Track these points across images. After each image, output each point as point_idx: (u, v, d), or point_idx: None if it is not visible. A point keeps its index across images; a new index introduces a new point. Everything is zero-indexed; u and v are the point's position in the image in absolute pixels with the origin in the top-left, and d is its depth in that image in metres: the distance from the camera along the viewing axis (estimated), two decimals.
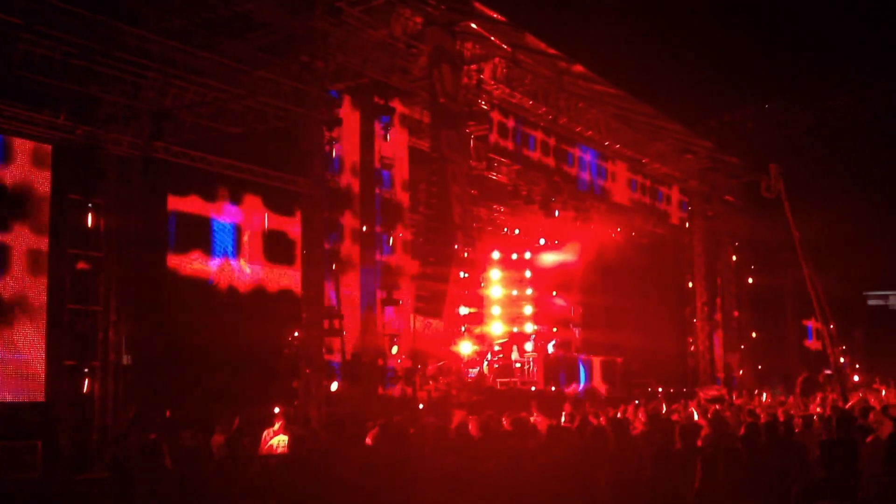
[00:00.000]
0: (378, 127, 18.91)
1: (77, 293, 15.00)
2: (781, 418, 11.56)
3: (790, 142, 27.29)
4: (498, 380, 22.01)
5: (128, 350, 15.74)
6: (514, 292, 27.66)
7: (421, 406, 16.86)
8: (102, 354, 15.25)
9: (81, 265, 15.04)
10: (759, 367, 29.74)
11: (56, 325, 14.75)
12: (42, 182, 14.85)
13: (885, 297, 36.41)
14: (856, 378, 28.01)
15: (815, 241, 28.48)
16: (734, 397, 21.94)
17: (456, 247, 16.93)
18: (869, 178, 28.95)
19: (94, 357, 15.16)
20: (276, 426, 13.70)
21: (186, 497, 8.55)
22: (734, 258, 28.62)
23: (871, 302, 36.05)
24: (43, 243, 14.81)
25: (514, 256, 27.84)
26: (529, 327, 26.76)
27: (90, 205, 15.10)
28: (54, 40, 13.00)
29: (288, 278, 17.57)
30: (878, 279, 34.58)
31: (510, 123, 19.65)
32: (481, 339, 20.50)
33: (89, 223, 15.19)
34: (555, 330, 27.00)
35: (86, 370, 15.10)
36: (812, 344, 31.64)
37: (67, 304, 14.88)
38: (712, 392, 24.45)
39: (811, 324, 31.13)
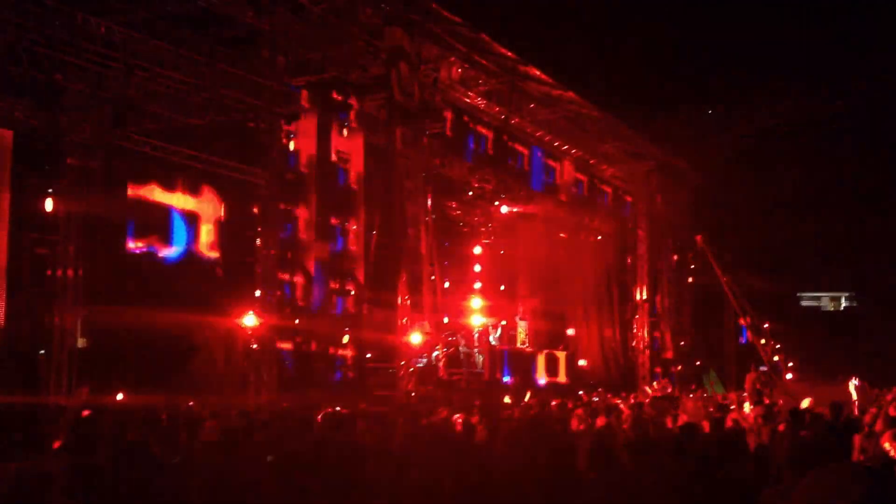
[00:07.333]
0: (335, 122, 19.33)
1: (35, 277, 15.22)
2: None
3: (732, 147, 28.33)
4: (448, 370, 22.61)
5: (83, 334, 15.97)
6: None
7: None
8: (58, 338, 15.45)
9: (40, 250, 15.25)
10: (697, 363, 30.79)
11: (13, 308, 14.94)
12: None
13: (818, 298, 37.72)
14: (789, 376, 29.18)
15: (753, 244, 29.76)
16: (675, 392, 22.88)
17: (411, 241, 17.44)
18: (806, 182, 30.07)
19: (50, 340, 15.37)
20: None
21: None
22: (675, 258, 29.58)
23: (805, 303, 37.32)
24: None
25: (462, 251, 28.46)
26: (477, 320, 27.37)
27: (50, 190, 15.28)
28: (20, 29, 13.21)
29: (243, 267, 17.89)
30: (810, 281, 35.89)
31: (464, 122, 20.23)
32: (430, 331, 21.03)
33: (49, 209, 15.40)
34: (503, 323, 27.69)
35: (41, 352, 15.33)
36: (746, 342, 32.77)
37: (25, 287, 15.08)
38: (658, 390, 25.38)
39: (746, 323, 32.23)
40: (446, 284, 28.21)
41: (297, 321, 18.58)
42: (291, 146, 18.20)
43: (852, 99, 25.95)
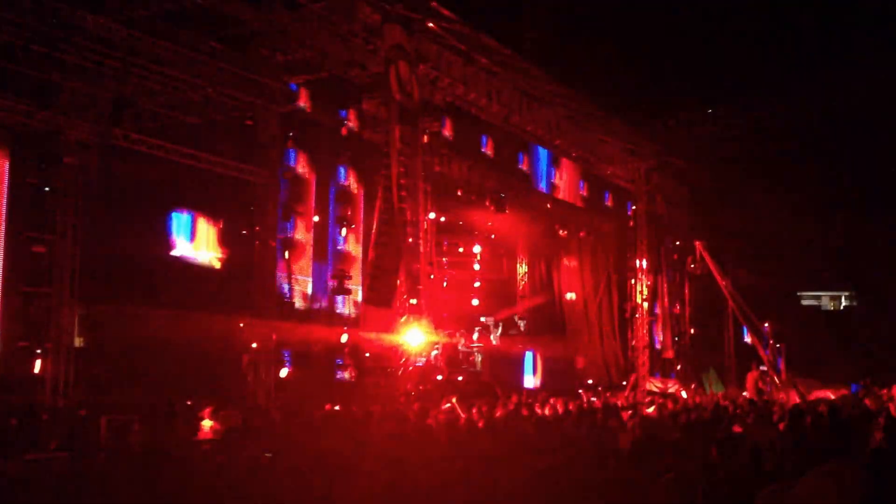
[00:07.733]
0: (334, 120, 19.27)
1: (32, 276, 15.18)
2: None
3: (732, 145, 28.27)
4: (448, 370, 22.58)
5: (81, 333, 15.92)
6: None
7: None
8: (55, 336, 15.39)
9: (37, 248, 15.20)
10: (697, 362, 30.74)
11: (10, 307, 14.91)
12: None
13: (818, 297, 37.59)
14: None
15: (752, 240, 29.73)
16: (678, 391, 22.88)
17: (410, 240, 17.39)
18: (806, 181, 29.98)
19: (47, 339, 15.32)
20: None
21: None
22: (675, 256, 29.50)
23: (805, 302, 37.20)
24: None
25: (461, 250, 28.44)
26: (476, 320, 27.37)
27: (47, 189, 15.24)
28: (16, 26, 13.16)
29: (242, 266, 17.85)
30: (810, 281, 35.75)
31: (464, 121, 20.18)
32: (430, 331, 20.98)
33: (46, 207, 15.35)
34: (500, 322, 27.66)
35: (38, 351, 15.28)
36: (748, 341, 32.70)
37: (22, 286, 15.04)
38: (657, 384, 25.40)
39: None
40: (445, 284, 28.20)
41: (295, 321, 18.53)
42: (290, 144, 18.14)
43: (852, 98, 25.89)
